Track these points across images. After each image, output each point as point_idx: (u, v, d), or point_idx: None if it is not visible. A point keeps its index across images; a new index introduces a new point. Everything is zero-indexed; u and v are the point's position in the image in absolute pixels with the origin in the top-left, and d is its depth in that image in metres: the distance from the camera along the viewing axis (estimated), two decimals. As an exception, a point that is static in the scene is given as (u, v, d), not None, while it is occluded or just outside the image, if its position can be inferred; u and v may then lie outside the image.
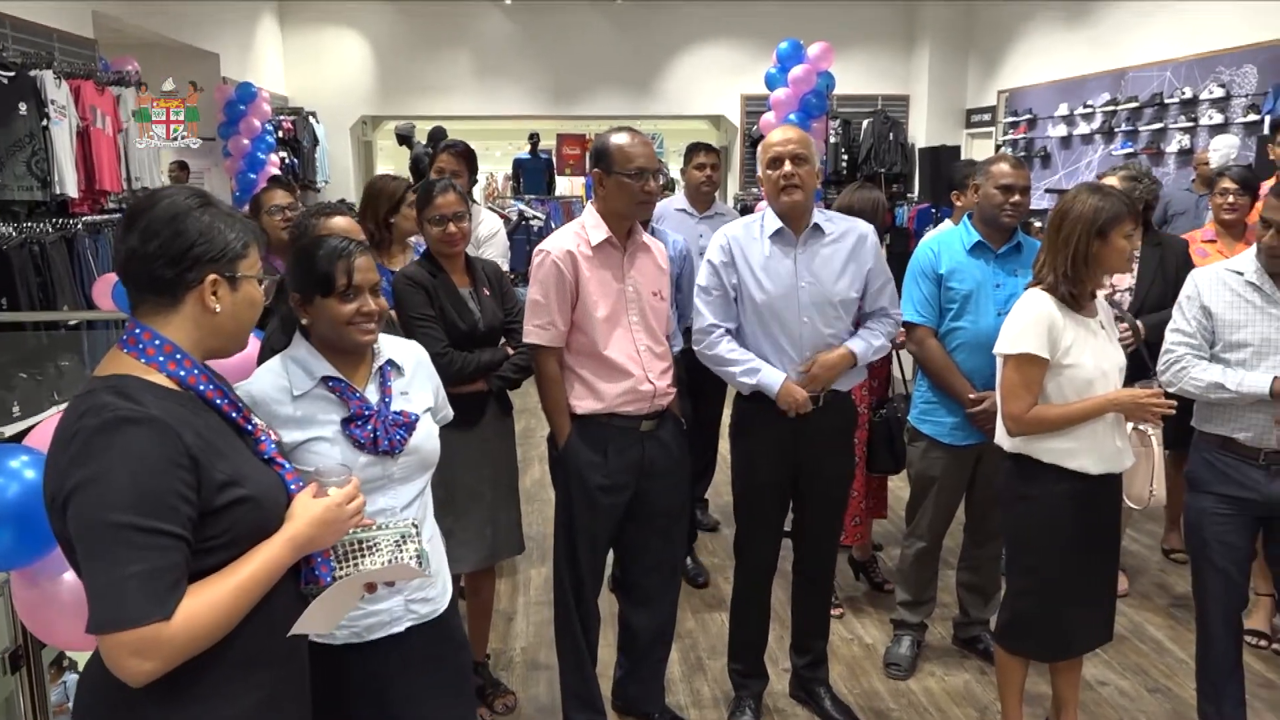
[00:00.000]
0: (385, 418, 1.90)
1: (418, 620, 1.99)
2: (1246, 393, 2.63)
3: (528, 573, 4.36)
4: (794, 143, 2.83)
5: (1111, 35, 8.85)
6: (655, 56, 11.67)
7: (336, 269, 1.88)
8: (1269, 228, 2.62)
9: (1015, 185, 3.17)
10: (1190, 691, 3.04)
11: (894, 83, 11.80)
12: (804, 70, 7.98)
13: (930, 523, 3.43)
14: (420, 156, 8.07)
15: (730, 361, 2.89)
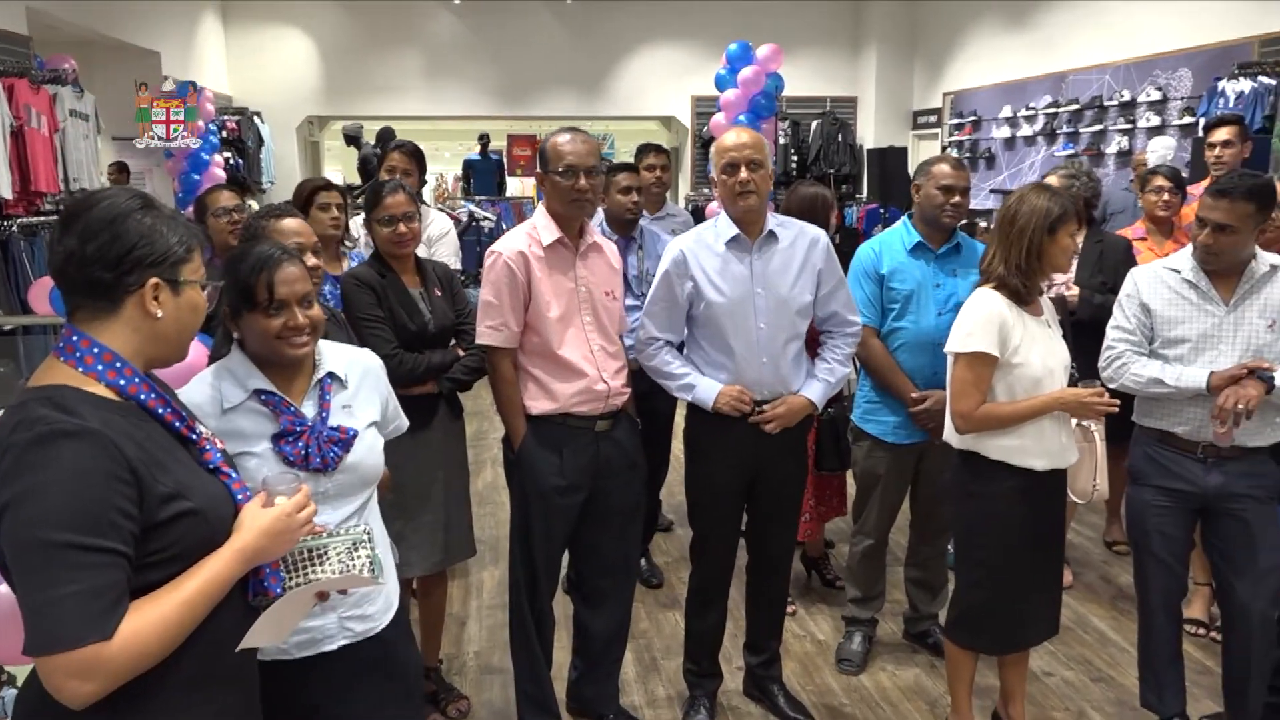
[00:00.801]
0: (320, 433, 1.83)
1: (353, 638, 1.91)
2: (1184, 387, 2.70)
3: (480, 576, 4.33)
4: (749, 147, 2.82)
5: (1052, 39, 9.03)
6: (606, 57, 11.67)
7: (257, 281, 1.80)
8: (1205, 226, 2.69)
9: (956, 186, 3.22)
10: (1133, 680, 3.11)
11: (842, 84, 11.94)
12: (753, 72, 8.03)
13: (876, 520, 3.47)
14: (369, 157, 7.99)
15: (668, 375, 2.93)
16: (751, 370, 2.87)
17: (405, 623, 2.09)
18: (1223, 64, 6.67)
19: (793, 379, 2.92)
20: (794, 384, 2.92)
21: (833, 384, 2.95)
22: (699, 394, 2.89)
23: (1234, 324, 2.71)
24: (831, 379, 2.94)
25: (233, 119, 9.95)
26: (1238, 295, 2.72)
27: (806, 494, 3.93)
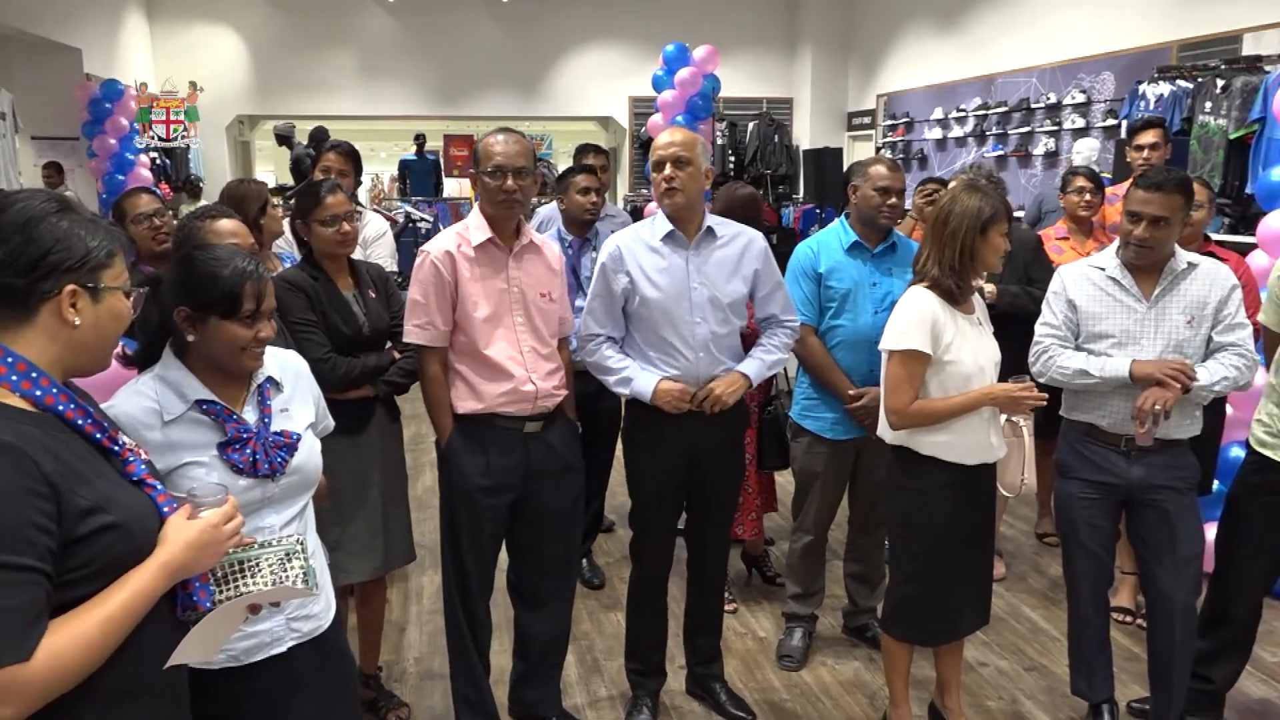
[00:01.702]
0: (265, 439, 1.81)
1: (301, 639, 1.90)
2: (1109, 377, 2.78)
3: (420, 581, 4.28)
4: (676, 145, 2.83)
5: (981, 43, 9.24)
6: (543, 57, 11.64)
7: (245, 292, 1.76)
8: (1139, 221, 2.76)
9: (892, 187, 3.28)
10: (1064, 668, 3.19)
11: (778, 86, 12.06)
12: (690, 73, 8.07)
13: (815, 517, 3.51)
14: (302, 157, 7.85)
15: (606, 369, 2.93)
16: (688, 365, 2.89)
17: (341, 629, 2.07)
18: (1143, 68, 6.89)
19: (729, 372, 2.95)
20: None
21: (769, 364, 2.96)
22: (636, 386, 2.88)
23: (1155, 320, 2.80)
24: (768, 359, 2.95)
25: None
26: (1158, 292, 2.80)
27: (751, 493, 3.97)
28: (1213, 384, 2.72)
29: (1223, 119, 5.65)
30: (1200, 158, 5.72)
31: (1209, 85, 5.81)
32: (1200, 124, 5.76)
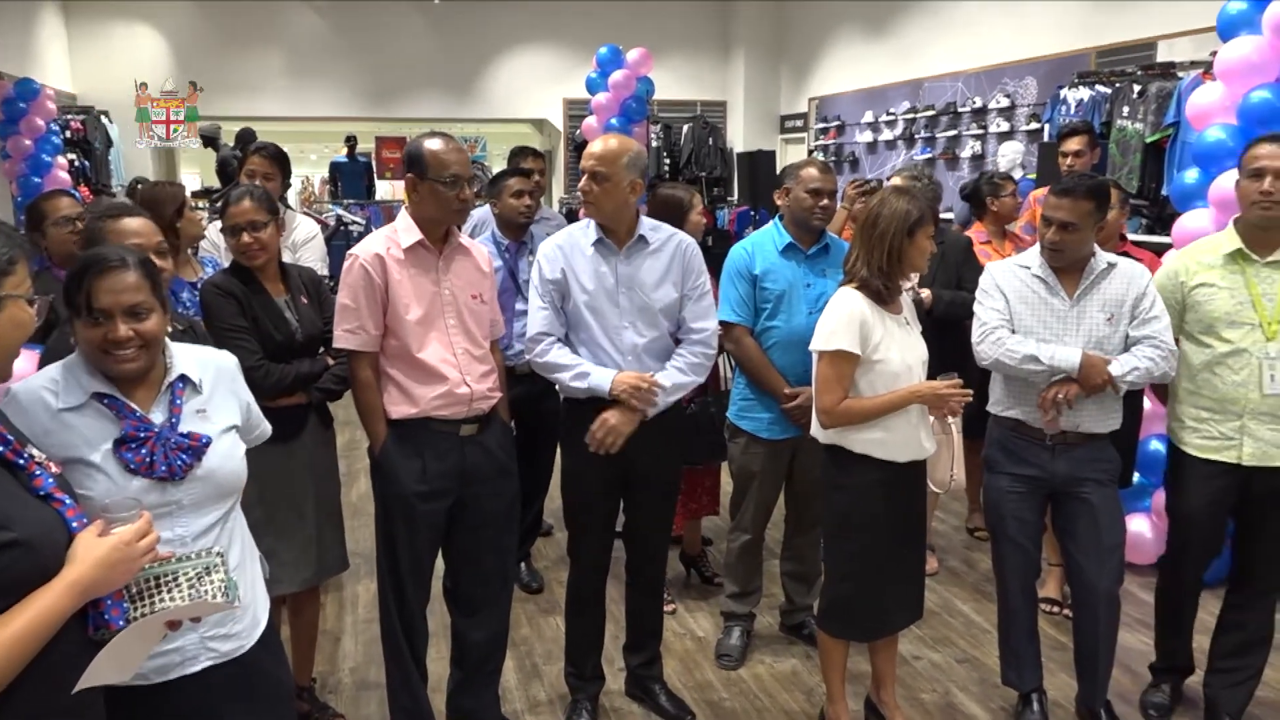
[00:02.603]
0: (167, 440, 1.73)
1: (219, 659, 1.81)
2: (1058, 365, 2.82)
3: (355, 590, 4.21)
4: (593, 158, 2.85)
5: (909, 48, 9.41)
6: (476, 59, 11.55)
7: (78, 288, 1.69)
8: (1050, 225, 2.85)
9: (823, 189, 3.32)
10: (995, 659, 3.26)
11: (712, 89, 12.14)
12: (623, 75, 8.09)
13: (753, 516, 3.54)
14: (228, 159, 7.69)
15: (561, 367, 2.91)
16: (616, 368, 2.90)
17: (276, 641, 2.01)
18: (1064, 73, 7.08)
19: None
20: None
21: (670, 390, 2.92)
22: (594, 381, 2.85)
23: (1077, 317, 2.88)
24: (668, 386, 2.91)
25: (77, 119, 9.40)
26: (1080, 290, 2.89)
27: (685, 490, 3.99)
28: (1125, 375, 2.81)
29: (1139, 123, 5.83)
30: (1119, 160, 5.90)
31: (1126, 90, 5.99)
32: (1118, 128, 5.94)
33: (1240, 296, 2.85)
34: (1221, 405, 2.88)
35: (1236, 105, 4.00)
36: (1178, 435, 3.01)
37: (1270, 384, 2.80)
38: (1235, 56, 4.03)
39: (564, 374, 2.90)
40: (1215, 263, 2.91)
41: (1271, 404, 2.81)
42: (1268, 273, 2.85)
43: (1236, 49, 4.04)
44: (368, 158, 11.98)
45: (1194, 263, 2.96)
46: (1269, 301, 2.82)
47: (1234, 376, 2.85)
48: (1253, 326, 2.83)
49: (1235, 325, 2.85)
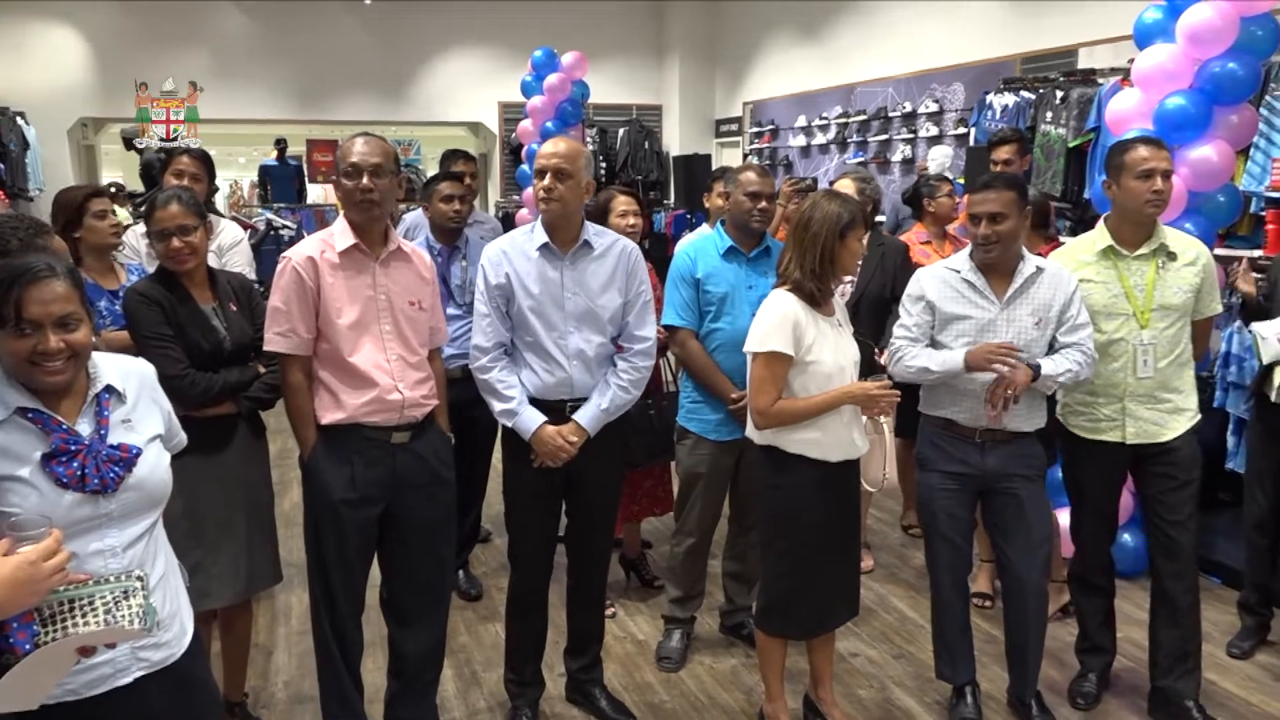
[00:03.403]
0: (98, 452, 1.69)
1: (149, 669, 1.77)
2: (948, 369, 2.93)
3: (288, 601, 4.13)
4: (558, 156, 2.84)
5: (841, 54, 9.55)
6: (409, 60, 11.42)
7: (6, 298, 1.63)
8: (979, 221, 2.92)
9: (762, 192, 3.36)
10: (930, 654, 3.32)
11: (647, 93, 12.17)
12: (559, 79, 8.08)
13: (699, 518, 3.55)
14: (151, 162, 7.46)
15: (495, 394, 2.93)
16: (563, 375, 2.91)
17: (201, 650, 1.98)
18: (990, 79, 7.24)
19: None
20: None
21: (610, 412, 2.95)
22: (519, 424, 2.90)
23: (1007, 320, 2.95)
24: (608, 407, 2.94)
25: (-8, 120, 9.08)
26: (1010, 294, 2.95)
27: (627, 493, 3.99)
28: (1058, 374, 2.90)
29: (1062, 128, 5.99)
30: (1043, 164, 6.05)
31: (1049, 96, 6.15)
32: (1042, 133, 6.09)
33: (1115, 289, 3.05)
34: (1104, 390, 3.08)
35: (1153, 111, 4.13)
36: (1068, 420, 3.20)
37: (1143, 368, 3.02)
38: (1151, 64, 4.17)
39: (496, 403, 2.93)
40: (1090, 260, 3.09)
41: (1147, 385, 3.04)
42: (1137, 265, 3.05)
43: (1152, 57, 4.17)
44: (299, 161, 11.77)
45: (1072, 261, 3.12)
46: (1140, 292, 3.03)
47: (1114, 364, 3.05)
48: (1128, 317, 3.04)
49: (1112, 316, 3.04)
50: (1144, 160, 2.96)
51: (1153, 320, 3.02)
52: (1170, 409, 3.07)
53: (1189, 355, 3.12)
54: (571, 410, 2.93)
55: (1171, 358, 3.05)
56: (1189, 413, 3.11)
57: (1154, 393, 3.05)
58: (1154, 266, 3.04)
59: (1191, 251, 3.09)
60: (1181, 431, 3.08)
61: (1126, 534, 4.11)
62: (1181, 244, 3.09)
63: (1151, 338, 3.02)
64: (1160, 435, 3.07)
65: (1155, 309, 3.02)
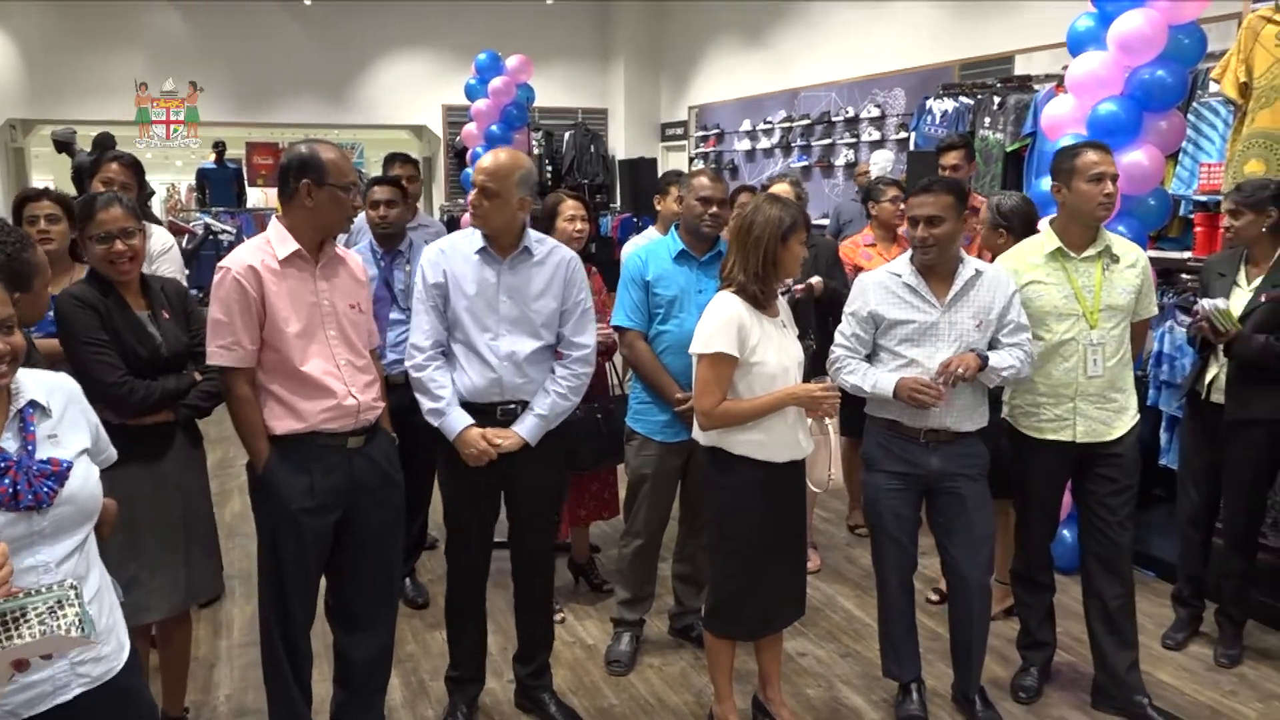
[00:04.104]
0: (28, 468, 1.66)
1: (90, 684, 1.74)
2: (879, 393, 2.99)
3: (230, 613, 4.05)
4: (485, 174, 2.87)
5: (784, 58, 9.65)
6: (351, 62, 11.29)
7: None
8: (917, 224, 2.97)
9: (713, 197, 3.38)
10: (876, 652, 3.35)
11: (593, 97, 12.18)
12: (503, 82, 8.04)
13: (646, 519, 3.55)
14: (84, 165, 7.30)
15: (427, 392, 2.94)
16: (493, 377, 2.92)
17: (138, 664, 1.94)
18: (930, 85, 7.38)
19: (536, 386, 2.97)
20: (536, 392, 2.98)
21: (550, 419, 2.97)
22: (446, 424, 2.91)
23: (948, 323, 3.00)
24: (547, 414, 2.96)
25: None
26: (950, 296, 3.00)
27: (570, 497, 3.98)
28: (1002, 368, 2.97)
29: (1000, 133, 6.12)
30: (982, 169, 6.16)
31: (987, 102, 6.28)
32: (981, 138, 6.21)
33: (1064, 290, 3.12)
34: (1055, 391, 3.15)
35: (1086, 117, 4.24)
36: (1018, 422, 3.25)
37: (1094, 367, 3.10)
38: (1084, 71, 4.27)
39: (427, 401, 2.94)
40: (1039, 262, 3.16)
41: (1096, 385, 3.12)
42: (1084, 267, 3.13)
43: (1085, 64, 4.28)
44: (238, 164, 11.56)
45: (1022, 264, 3.20)
46: (1089, 293, 3.11)
47: (1065, 363, 3.12)
48: (1078, 317, 3.11)
49: (1063, 317, 3.12)
50: (1095, 164, 3.04)
51: (1101, 320, 3.10)
52: (1116, 408, 3.16)
53: (1130, 356, 3.21)
54: (503, 413, 2.94)
55: (1118, 357, 3.14)
56: (1131, 412, 3.19)
57: (1103, 392, 3.13)
58: (1100, 268, 3.12)
59: (1132, 255, 3.18)
60: (1125, 430, 3.16)
61: (1065, 530, 4.20)
62: (1123, 247, 3.19)
63: (1100, 337, 3.10)
64: (1107, 434, 3.15)
65: (1103, 309, 3.10)
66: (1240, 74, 3.93)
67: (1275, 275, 3.43)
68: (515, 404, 2.96)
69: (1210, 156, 4.65)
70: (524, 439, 2.93)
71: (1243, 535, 3.59)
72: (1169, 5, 4.02)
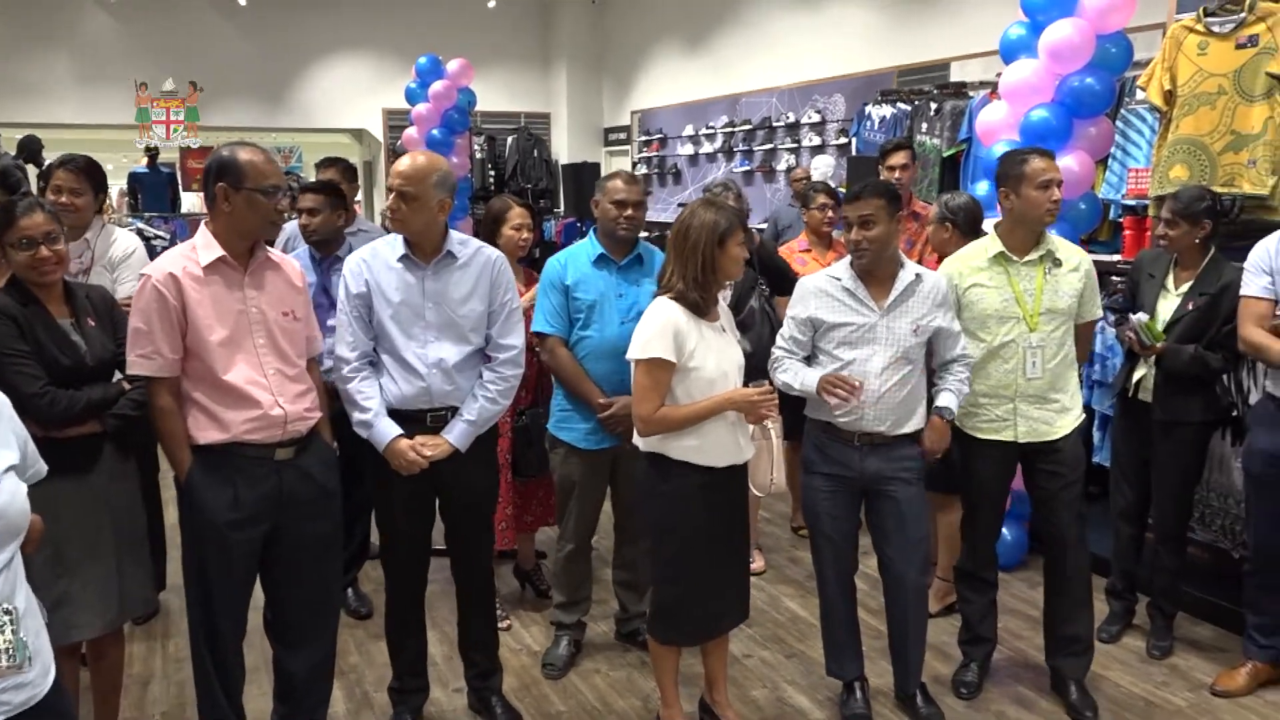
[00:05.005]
0: None
1: (10, 712, 1.68)
2: (806, 391, 3.03)
3: (165, 627, 3.95)
4: (400, 177, 2.84)
5: (726, 64, 9.71)
6: (289, 65, 11.11)
7: None
8: (850, 226, 3.01)
9: (628, 200, 3.38)
10: (820, 651, 3.38)
11: (536, 101, 12.13)
12: (444, 86, 7.98)
13: (575, 526, 3.55)
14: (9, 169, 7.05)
15: (354, 404, 2.91)
16: (422, 385, 2.90)
17: (65, 692, 1.88)
18: (869, 91, 7.48)
19: (465, 393, 2.96)
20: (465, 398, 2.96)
21: (479, 424, 2.95)
22: (374, 435, 2.89)
23: (886, 327, 3.03)
24: (476, 420, 2.94)
25: None
26: (889, 301, 3.03)
27: (503, 501, 3.95)
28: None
29: (937, 139, 6.23)
30: (919, 173, 6.26)
31: (924, 108, 6.39)
32: (918, 143, 6.32)
33: (1006, 294, 3.19)
34: (995, 392, 3.22)
35: (1019, 123, 4.33)
36: (962, 422, 3.30)
37: (1032, 369, 3.17)
38: (1016, 78, 4.37)
39: (354, 412, 2.91)
40: (982, 265, 3.23)
41: (1035, 386, 3.18)
42: (1026, 271, 3.20)
43: (1017, 71, 4.38)
44: (171, 168, 11.30)
45: (965, 267, 3.26)
46: (1029, 297, 3.18)
47: (1005, 365, 3.19)
48: (1018, 320, 3.18)
49: (1004, 320, 3.18)
50: (1043, 171, 3.12)
51: (1041, 323, 3.16)
52: (1058, 409, 3.22)
53: (1074, 357, 3.27)
54: (433, 420, 2.92)
55: (1058, 359, 3.20)
56: (1074, 412, 3.25)
57: (1044, 393, 3.19)
58: (1041, 272, 3.18)
59: (1075, 258, 3.25)
60: (1068, 430, 3.22)
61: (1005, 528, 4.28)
62: (1066, 251, 3.26)
63: (1040, 340, 3.16)
64: (1048, 434, 3.21)
65: (1043, 313, 3.16)
66: (1165, 82, 4.04)
67: (1202, 283, 3.54)
68: (445, 410, 2.94)
69: (1138, 162, 4.77)
70: (453, 446, 2.91)
71: (1173, 531, 3.69)
72: (1097, 15, 4.14)
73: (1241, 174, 3.78)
